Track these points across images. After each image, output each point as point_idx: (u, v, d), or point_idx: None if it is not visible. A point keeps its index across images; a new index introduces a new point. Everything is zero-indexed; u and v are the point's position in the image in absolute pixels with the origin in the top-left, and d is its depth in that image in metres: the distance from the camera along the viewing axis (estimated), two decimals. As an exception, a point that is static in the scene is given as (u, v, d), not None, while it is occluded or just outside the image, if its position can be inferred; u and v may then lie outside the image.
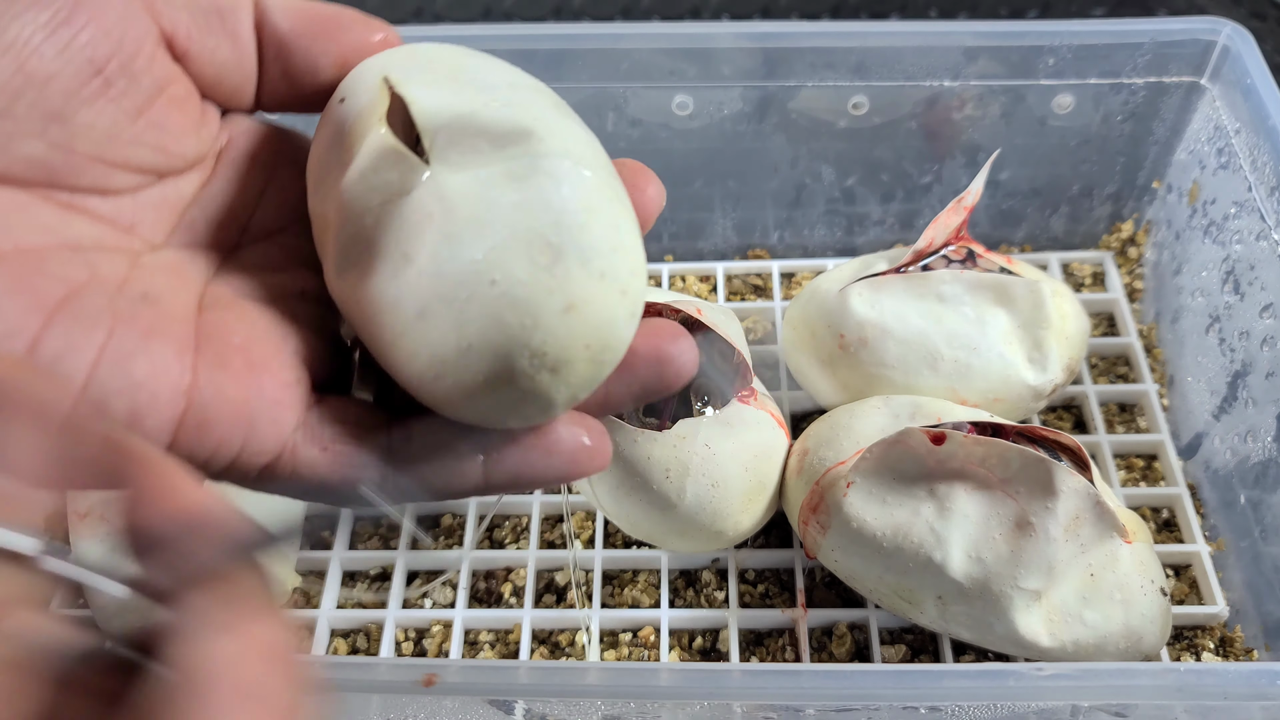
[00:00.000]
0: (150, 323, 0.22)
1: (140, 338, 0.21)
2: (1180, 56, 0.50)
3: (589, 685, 0.34)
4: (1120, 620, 0.39)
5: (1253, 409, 0.46)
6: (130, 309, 0.22)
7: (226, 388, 0.22)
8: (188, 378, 0.22)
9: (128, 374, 0.21)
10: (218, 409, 0.22)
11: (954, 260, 0.48)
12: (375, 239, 0.22)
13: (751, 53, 0.51)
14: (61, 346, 0.20)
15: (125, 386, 0.21)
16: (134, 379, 0.21)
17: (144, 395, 0.21)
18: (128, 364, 0.21)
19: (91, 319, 0.21)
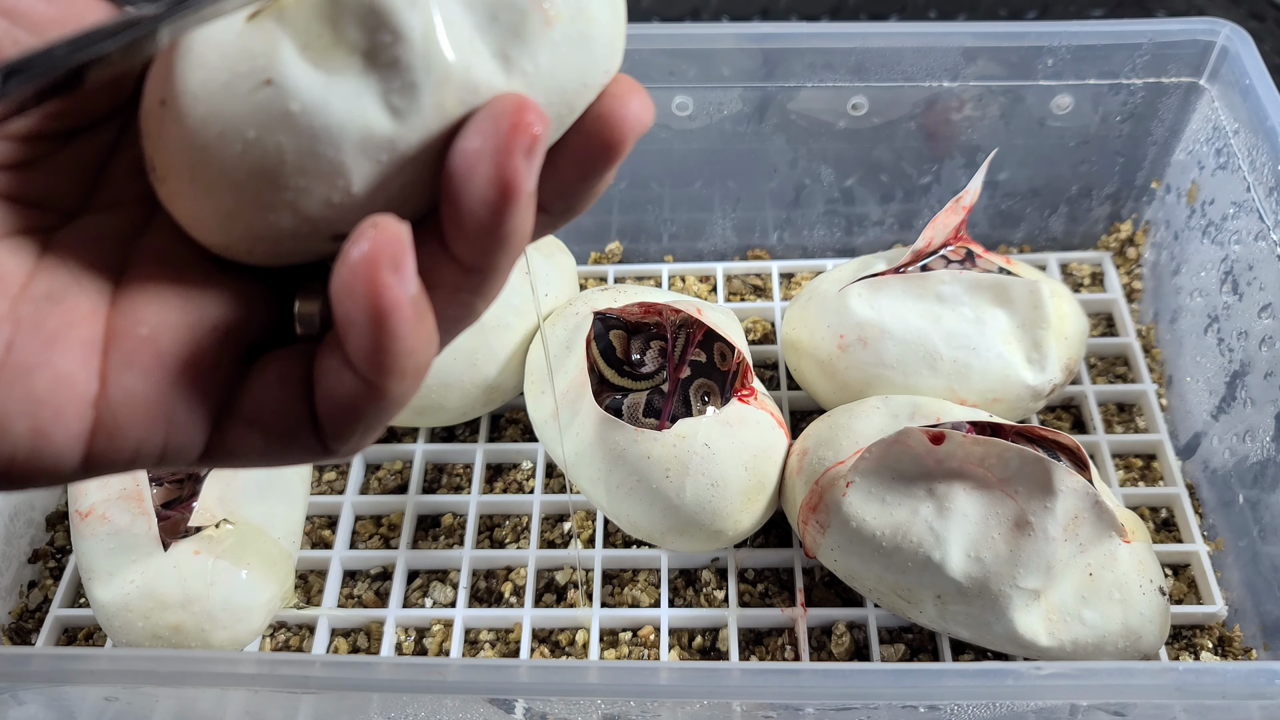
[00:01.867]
0: (54, 327, 0.20)
1: (42, 347, 0.20)
2: (1179, 57, 0.50)
3: (589, 684, 0.34)
4: (1119, 619, 0.39)
5: (1251, 409, 0.46)
6: (33, 313, 0.20)
7: (136, 390, 0.20)
8: (94, 387, 0.20)
9: (28, 392, 0.19)
10: (129, 414, 0.20)
11: (953, 260, 0.48)
12: None
13: (751, 53, 0.51)
14: None
15: (25, 407, 0.19)
16: (35, 397, 0.19)
17: (47, 412, 0.19)
18: (28, 380, 0.19)
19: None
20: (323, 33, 0.18)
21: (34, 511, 0.50)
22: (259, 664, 0.35)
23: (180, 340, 0.21)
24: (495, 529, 0.49)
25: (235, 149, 0.19)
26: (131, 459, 0.21)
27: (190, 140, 0.19)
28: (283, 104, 0.18)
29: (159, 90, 0.19)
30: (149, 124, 0.20)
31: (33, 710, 0.39)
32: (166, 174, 0.20)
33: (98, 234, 0.22)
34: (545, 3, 0.19)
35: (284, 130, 0.18)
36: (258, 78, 0.18)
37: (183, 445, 0.21)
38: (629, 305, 0.46)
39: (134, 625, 0.41)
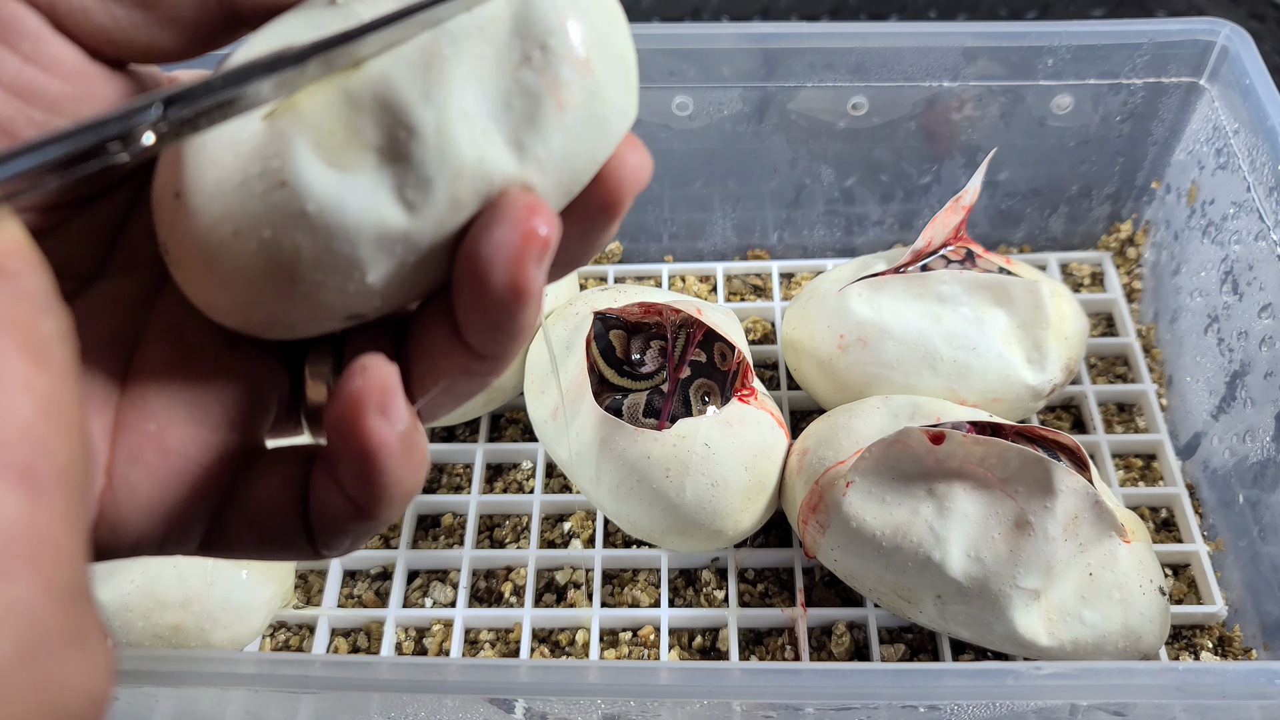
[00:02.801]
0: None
1: None
2: (1179, 57, 0.50)
3: (589, 684, 0.34)
4: (1119, 619, 0.39)
5: (1251, 409, 0.46)
6: None
7: (140, 488, 0.20)
8: (102, 481, 0.20)
9: None
10: (132, 510, 0.20)
11: (953, 260, 0.48)
12: None
13: (751, 53, 0.51)
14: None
15: None
16: None
17: None
18: None
19: None
20: (337, 130, 0.18)
21: (34, 511, 0.49)
22: (259, 664, 0.35)
23: (186, 439, 0.21)
24: (495, 529, 0.49)
25: (250, 247, 0.19)
26: (131, 549, 0.21)
27: (204, 236, 0.19)
28: (298, 205, 0.18)
29: (173, 182, 0.19)
30: (162, 212, 0.20)
31: (33, 710, 0.39)
32: (181, 261, 0.20)
33: (113, 301, 0.22)
34: (560, 89, 0.19)
35: (299, 230, 0.18)
36: (272, 179, 0.18)
37: (181, 539, 0.21)
38: (629, 305, 0.46)
39: (134, 625, 0.41)
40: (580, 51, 0.19)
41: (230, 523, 0.22)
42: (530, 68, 0.19)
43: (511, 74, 0.19)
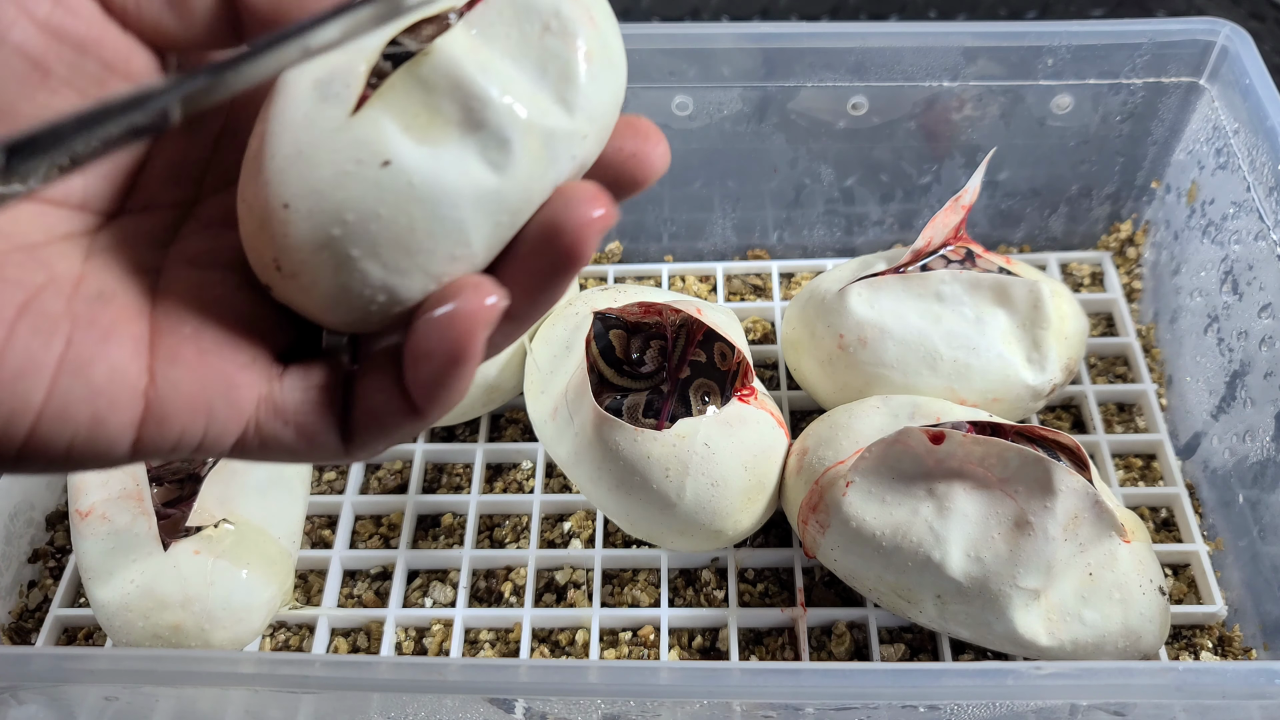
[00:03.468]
0: (107, 324, 0.22)
1: (98, 342, 0.21)
2: (1179, 57, 0.50)
3: (589, 684, 0.34)
4: (1119, 619, 0.39)
5: (1251, 409, 0.46)
6: (87, 311, 0.22)
7: (181, 382, 0.22)
8: (144, 379, 0.22)
9: (88, 382, 0.21)
10: (174, 404, 0.22)
11: (953, 260, 0.48)
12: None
13: (751, 53, 0.51)
14: (23, 362, 0.20)
15: (86, 394, 0.21)
16: (94, 386, 0.21)
17: (104, 401, 0.21)
18: (88, 371, 0.21)
19: (50, 328, 0.21)
20: (419, 113, 0.21)
21: (34, 511, 0.50)
22: (259, 664, 0.35)
23: (221, 339, 0.23)
24: (495, 529, 0.49)
25: (371, 228, 0.21)
26: (174, 446, 0.22)
27: (326, 232, 0.21)
28: (405, 178, 0.21)
29: (278, 195, 0.21)
30: (270, 228, 0.22)
31: (33, 710, 0.39)
32: (299, 270, 0.22)
33: (135, 235, 0.24)
34: (580, 46, 0.22)
35: (410, 202, 0.21)
36: (376, 161, 0.21)
37: (220, 435, 0.23)
38: (629, 305, 0.46)
39: (134, 625, 0.41)
40: (585, 11, 0.22)
41: (266, 425, 0.23)
42: (552, 35, 0.22)
43: (538, 44, 0.22)
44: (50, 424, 0.21)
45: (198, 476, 0.44)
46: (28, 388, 0.20)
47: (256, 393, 0.23)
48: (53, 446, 0.21)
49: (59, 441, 0.21)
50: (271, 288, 0.23)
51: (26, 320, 0.21)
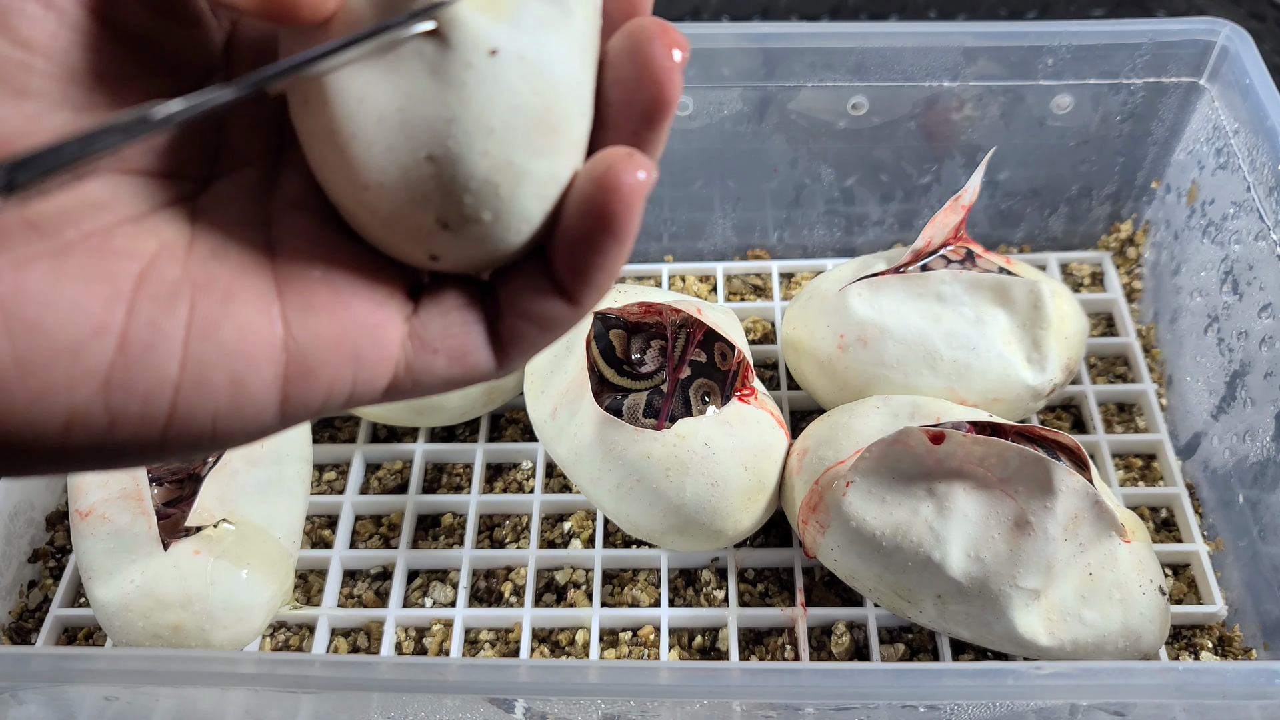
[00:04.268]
0: (228, 283, 0.21)
1: (221, 302, 0.20)
2: (1179, 57, 0.50)
3: (589, 684, 0.34)
4: (1119, 619, 0.39)
5: (1251, 409, 0.46)
6: (204, 273, 0.21)
7: (321, 329, 0.21)
8: (279, 330, 0.21)
9: (219, 345, 0.20)
10: (318, 353, 0.21)
11: (953, 260, 0.48)
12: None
13: (751, 53, 0.51)
14: (149, 335, 0.19)
15: (220, 358, 0.20)
16: (226, 349, 0.20)
17: (240, 362, 0.20)
18: (216, 335, 0.20)
19: (170, 296, 0.20)
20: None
21: (34, 511, 0.50)
22: (259, 664, 0.35)
23: (353, 278, 0.22)
24: (495, 529, 0.49)
25: (518, 122, 0.20)
26: (325, 399, 0.21)
27: (483, 150, 0.20)
28: (517, 58, 0.20)
29: (415, 151, 0.20)
30: (423, 187, 0.21)
31: (33, 710, 0.39)
32: (474, 209, 0.21)
33: (234, 193, 0.23)
34: None
35: (534, 78, 0.20)
36: (484, 53, 0.20)
37: (370, 380, 0.22)
38: (629, 305, 0.46)
39: (134, 625, 0.41)
40: None
41: (416, 355, 0.22)
42: None
43: None
44: (190, 396, 0.20)
45: (198, 476, 0.44)
46: (160, 360, 0.19)
47: (399, 328, 0.22)
48: (197, 421, 0.20)
49: (203, 415, 0.20)
50: (440, 257, 0.22)
51: (146, 290, 0.20)
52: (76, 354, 0.19)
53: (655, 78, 0.21)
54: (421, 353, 0.22)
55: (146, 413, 0.20)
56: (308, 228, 0.22)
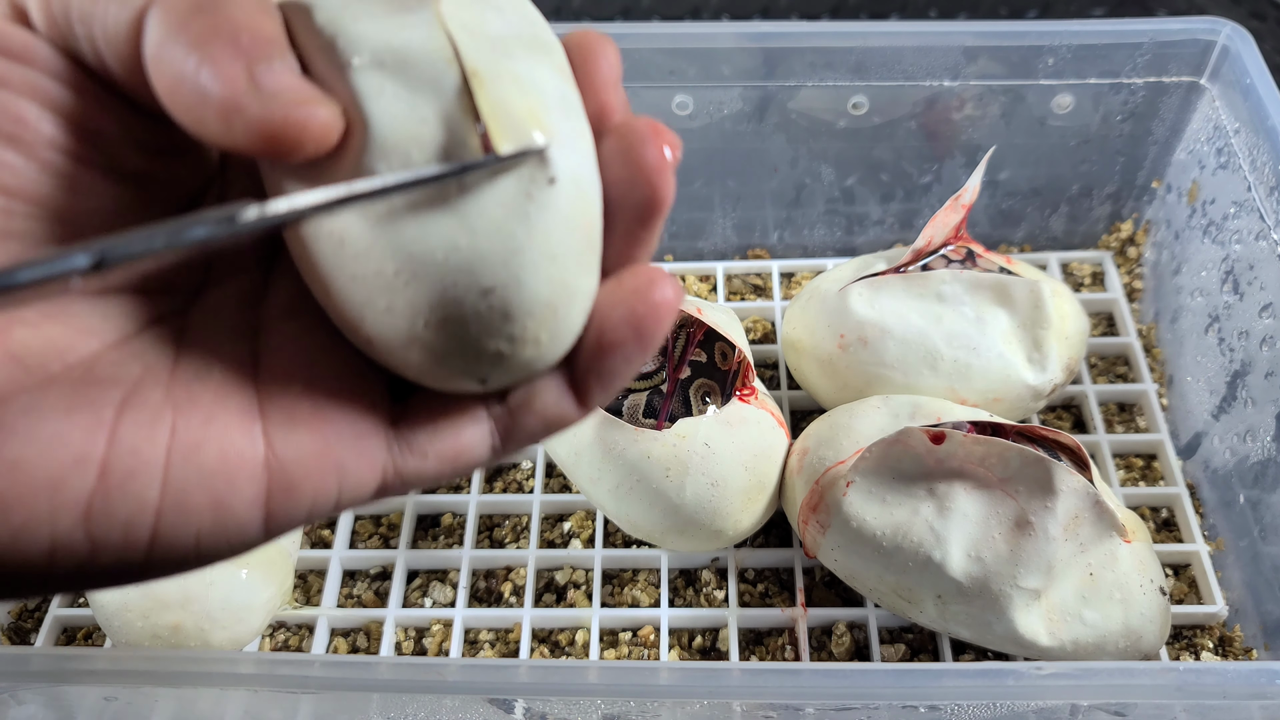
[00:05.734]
0: (210, 403, 0.21)
1: (202, 424, 0.20)
2: (1180, 56, 0.50)
3: (589, 684, 0.34)
4: (1119, 619, 0.39)
5: (1252, 409, 0.46)
6: (187, 394, 0.21)
7: (303, 444, 0.21)
8: (261, 449, 0.21)
9: (200, 468, 0.20)
10: (301, 469, 0.21)
11: (953, 260, 0.48)
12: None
13: (751, 53, 0.51)
14: (130, 462, 0.19)
15: (201, 481, 0.20)
16: (208, 471, 0.20)
17: (221, 483, 0.20)
18: (197, 458, 0.20)
19: (152, 421, 0.20)
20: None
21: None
22: (258, 664, 0.35)
23: (336, 388, 0.22)
24: (495, 529, 0.48)
25: (572, 242, 0.20)
26: (309, 511, 0.21)
27: (546, 274, 0.20)
28: (571, 181, 0.20)
29: (474, 284, 0.20)
30: (487, 319, 0.20)
31: (32, 710, 0.39)
32: (533, 329, 0.21)
33: (223, 304, 0.23)
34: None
35: (581, 199, 0.21)
36: (544, 182, 0.20)
37: (356, 489, 0.22)
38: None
39: (133, 625, 0.40)
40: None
41: (404, 460, 0.22)
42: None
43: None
44: (172, 520, 0.20)
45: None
46: (141, 486, 0.19)
47: (384, 435, 0.22)
48: (179, 544, 0.20)
49: (186, 536, 0.20)
50: (489, 380, 0.21)
51: (127, 417, 0.20)
52: (57, 487, 0.19)
53: (649, 179, 0.21)
54: (409, 457, 0.22)
55: (128, 538, 0.19)
56: (295, 336, 0.22)
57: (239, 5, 0.19)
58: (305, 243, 0.21)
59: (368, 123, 0.20)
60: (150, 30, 0.19)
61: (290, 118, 0.19)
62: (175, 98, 0.19)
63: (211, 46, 0.18)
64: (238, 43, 0.19)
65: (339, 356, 0.22)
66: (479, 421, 0.22)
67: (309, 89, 0.19)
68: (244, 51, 0.19)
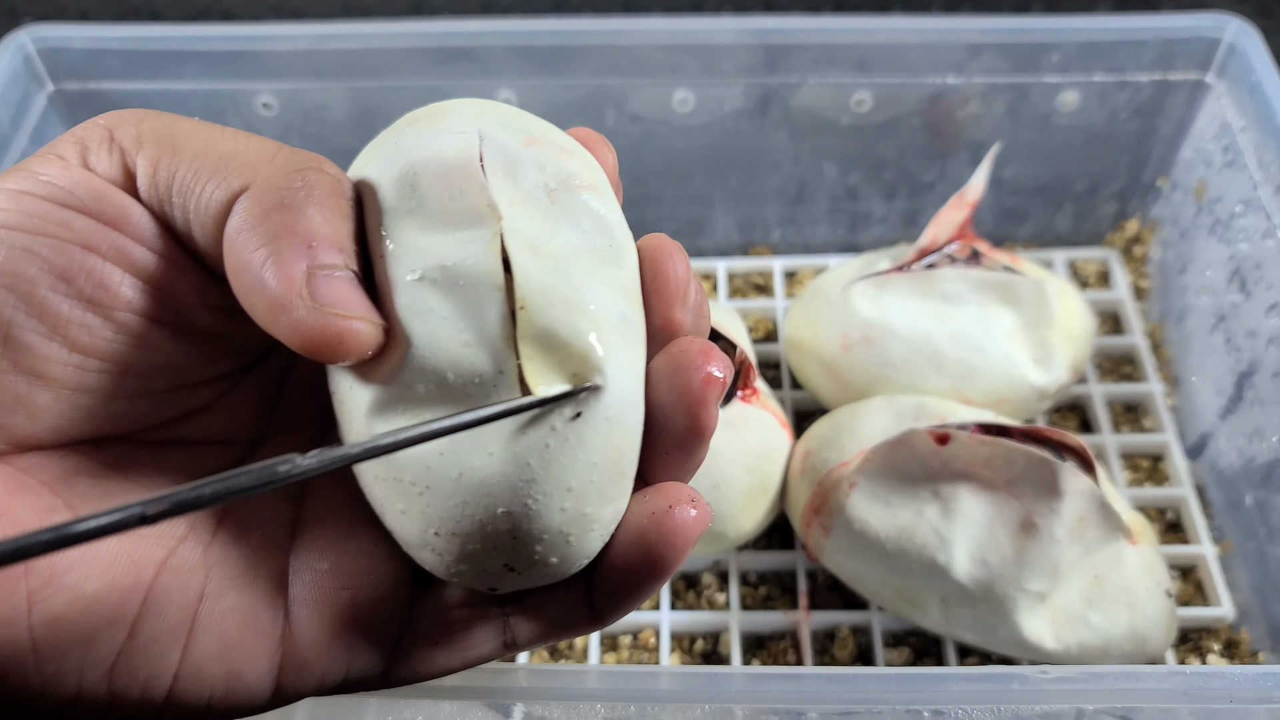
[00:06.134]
0: (241, 570, 0.22)
1: (231, 589, 0.21)
2: (1186, 53, 0.50)
3: (588, 689, 0.34)
4: (1125, 622, 0.39)
5: (1259, 409, 0.45)
6: (223, 557, 0.22)
7: (320, 622, 0.22)
8: (280, 625, 0.22)
9: (221, 638, 0.21)
10: (314, 648, 0.22)
11: (958, 258, 0.48)
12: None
13: (753, 48, 0.50)
14: (157, 628, 0.21)
15: (219, 651, 0.21)
16: (228, 642, 0.21)
17: (239, 655, 0.21)
18: (221, 625, 0.21)
19: (184, 585, 0.21)
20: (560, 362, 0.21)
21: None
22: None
23: (358, 572, 0.22)
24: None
25: (593, 477, 0.21)
26: (317, 687, 0.22)
27: (559, 508, 0.21)
28: (601, 417, 0.21)
29: (491, 507, 0.21)
30: (495, 540, 0.21)
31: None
32: (543, 554, 0.21)
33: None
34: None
35: (612, 432, 0.21)
36: (568, 418, 0.21)
37: (364, 669, 0.23)
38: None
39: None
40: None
41: (415, 652, 0.23)
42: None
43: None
44: (187, 684, 0.21)
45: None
46: (163, 651, 0.21)
47: (400, 623, 0.23)
48: (192, 705, 0.21)
49: (198, 700, 0.21)
50: (499, 589, 0.22)
51: (164, 579, 0.21)
52: (89, 644, 0.20)
53: (691, 409, 0.21)
54: (418, 644, 0.23)
55: (145, 696, 0.21)
56: (337, 507, 0.23)
57: (319, 209, 0.20)
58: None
59: (410, 340, 0.20)
60: (235, 213, 0.20)
61: (330, 328, 0.20)
62: (238, 280, 0.20)
63: (282, 243, 0.20)
64: (306, 246, 0.20)
65: (372, 535, 0.23)
66: (492, 620, 0.23)
67: (358, 302, 0.20)
68: (310, 255, 0.20)
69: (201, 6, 0.69)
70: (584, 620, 0.23)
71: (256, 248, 0.20)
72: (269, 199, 0.20)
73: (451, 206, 0.21)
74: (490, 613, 0.23)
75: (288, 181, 0.20)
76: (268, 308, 0.20)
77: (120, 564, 0.21)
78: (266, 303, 0.20)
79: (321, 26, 0.49)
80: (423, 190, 0.21)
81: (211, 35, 0.49)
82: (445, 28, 0.49)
